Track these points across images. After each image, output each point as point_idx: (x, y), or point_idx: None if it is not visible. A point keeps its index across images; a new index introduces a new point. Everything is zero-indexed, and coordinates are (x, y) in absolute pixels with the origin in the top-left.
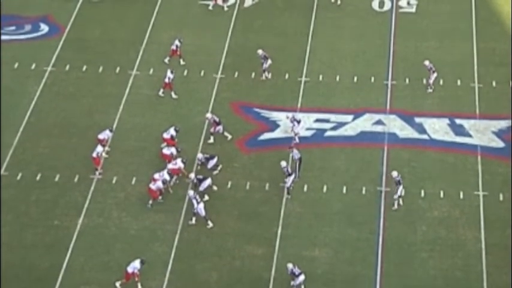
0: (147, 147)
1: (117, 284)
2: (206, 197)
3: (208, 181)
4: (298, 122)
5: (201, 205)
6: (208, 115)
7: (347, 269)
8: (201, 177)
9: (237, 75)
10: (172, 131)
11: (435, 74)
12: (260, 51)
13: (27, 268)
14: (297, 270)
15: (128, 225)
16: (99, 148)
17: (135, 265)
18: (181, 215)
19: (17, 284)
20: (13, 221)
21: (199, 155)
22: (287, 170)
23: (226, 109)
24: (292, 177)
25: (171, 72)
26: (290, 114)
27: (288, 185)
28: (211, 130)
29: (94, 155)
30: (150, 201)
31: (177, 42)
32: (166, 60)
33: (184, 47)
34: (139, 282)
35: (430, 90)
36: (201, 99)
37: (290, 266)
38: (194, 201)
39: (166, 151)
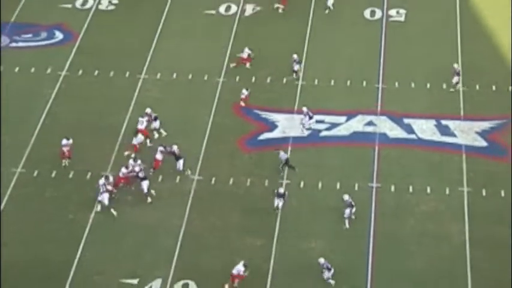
0: (155, 146)
1: (226, 286)
2: (149, 199)
3: (146, 183)
4: (311, 117)
5: (106, 195)
6: (148, 110)
7: (341, 259)
8: (142, 175)
9: (238, 79)
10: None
11: (459, 77)
12: (295, 56)
13: (42, 260)
14: (328, 265)
15: (137, 219)
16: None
17: (239, 268)
18: (186, 209)
19: (33, 276)
20: (29, 216)
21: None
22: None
23: (228, 110)
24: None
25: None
26: (305, 109)
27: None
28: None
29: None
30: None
31: (247, 50)
32: (231, 66)
33: (190, 54)
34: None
35: (452, 90)
36: (204, 101)
37: (322, 260)
38: (102, 189)
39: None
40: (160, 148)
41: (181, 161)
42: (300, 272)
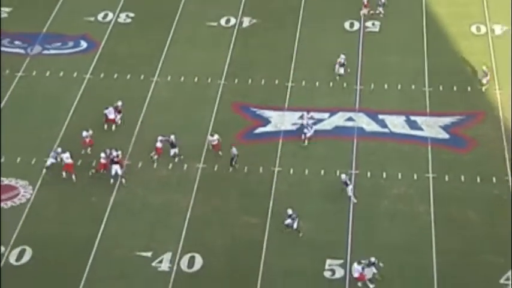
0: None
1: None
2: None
3: (116, 167)
4: (310, 122)
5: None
6: (119, 102)
7: (325, 236)
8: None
9: (237, 81)
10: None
11: (488, 77)
12: (342, 56)
13: (70, 236)
14: (294, 214)
15: (151, 201)
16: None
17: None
18: (192, 193)
19: (63, 249)
20: (58, 199)
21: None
22: None
23: (228, 108)
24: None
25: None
26: (308, 114)
27: None
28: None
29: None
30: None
31: (343, 56)
32: (341, 72)
33: (195, 60)
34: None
35: (481, 87)
36: (208, 100)
37: (290, 211)
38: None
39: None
40: (160, 137)
41: (175, 150)
42: (290, 246)
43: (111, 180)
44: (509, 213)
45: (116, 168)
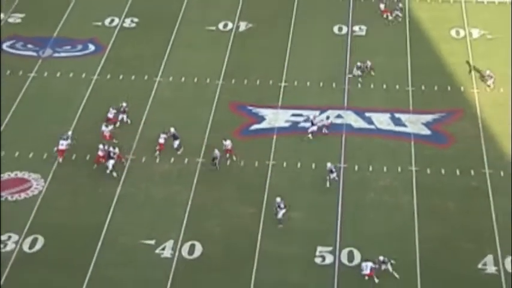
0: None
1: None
2: (114, 174)
3: (111, 162)
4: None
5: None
6: (124, 103)
7: (316, 226)
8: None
9: (234, 81)
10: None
11: (493, 79)
12: (369, 63)
13: (79, 225)
14: (282, 204)
15: (154, 193)
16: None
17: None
18: (192, 185)
19: (72, 238)
20: (70, 190)
21: (172, 129)
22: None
23: (225, 107)
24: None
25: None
26: (312, 116)
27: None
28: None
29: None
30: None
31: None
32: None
33: (195, 61)
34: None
35: (487, 90)
36: (207, 99)
37: (278, 199)
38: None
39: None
40: (162, 135)
41: (177, 141)
42: (283, 234)
43: (107, 172)
44: (487, 203)
45: (111, 163)
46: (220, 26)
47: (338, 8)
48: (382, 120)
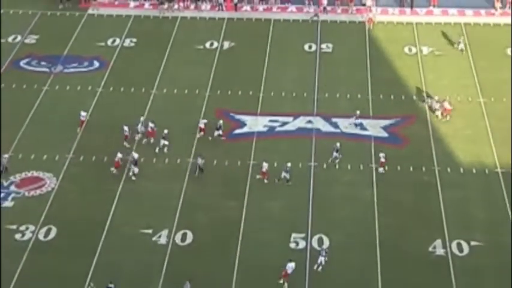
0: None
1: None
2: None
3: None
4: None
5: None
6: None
7: (291, 214)
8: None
9: (219, 92)
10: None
11: (441, 110)
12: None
13: (87, 217)
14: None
15: (151, 189)
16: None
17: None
18: (184, 182)
19: (81, 227)
20: (78, 188)
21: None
22: None
23: (212, 114)
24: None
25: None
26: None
27: None
28: None
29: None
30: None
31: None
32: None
33: (186, 76)
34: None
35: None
36: (196, 108)
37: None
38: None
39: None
40: (151, 125)
41: (165, 141)
42: (262, 223)
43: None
44: (436, 195)
45: (136, 169)
46: (207, 45)
47: (308, 29)
48: (346, 125)
